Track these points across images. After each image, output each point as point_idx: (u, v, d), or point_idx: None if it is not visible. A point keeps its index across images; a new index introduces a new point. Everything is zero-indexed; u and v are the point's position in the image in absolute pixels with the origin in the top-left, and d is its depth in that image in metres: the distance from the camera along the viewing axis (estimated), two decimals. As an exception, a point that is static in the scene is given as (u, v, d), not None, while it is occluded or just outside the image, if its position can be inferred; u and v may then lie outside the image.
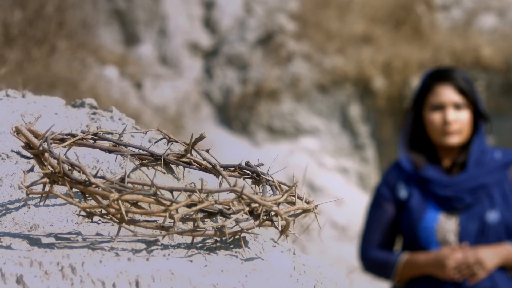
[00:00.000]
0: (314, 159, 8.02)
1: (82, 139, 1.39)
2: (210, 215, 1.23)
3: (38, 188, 1.26)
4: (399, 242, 3.00)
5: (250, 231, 1.25)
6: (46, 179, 1.21)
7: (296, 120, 8.21)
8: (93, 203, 1.20)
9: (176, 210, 1.18)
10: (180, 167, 1.46)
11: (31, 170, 1.30)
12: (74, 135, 1.39)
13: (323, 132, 8.22)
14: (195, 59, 8.78)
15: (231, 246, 1.26)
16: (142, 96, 8.09)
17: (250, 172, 1.40)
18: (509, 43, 7.83)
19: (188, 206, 1.20)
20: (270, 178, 1.37)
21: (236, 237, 1.26)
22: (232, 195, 1.27)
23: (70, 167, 1.21)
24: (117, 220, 1.18)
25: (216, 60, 8.68)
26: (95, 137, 1.40)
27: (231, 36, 8.72)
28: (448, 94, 2.87)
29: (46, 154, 1.22)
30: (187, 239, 1.27)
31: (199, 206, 1.19)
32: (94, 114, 1.71)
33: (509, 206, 2.82)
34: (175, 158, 1.41)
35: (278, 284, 1.19)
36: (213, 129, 8.03)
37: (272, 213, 1.25)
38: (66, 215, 1.31)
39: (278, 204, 1.26)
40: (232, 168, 1.40)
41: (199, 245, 1.26)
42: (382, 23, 8.50)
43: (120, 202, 1.15)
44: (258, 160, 1.46)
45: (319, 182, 7.72)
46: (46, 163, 1.22)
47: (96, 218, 1.28)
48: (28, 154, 1.45)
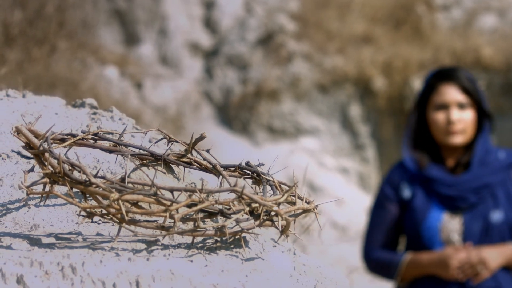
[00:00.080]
0: (314, 159, 8.02)
1: (83, 139, 1.39)
2: (211, 215, 1.23)
3: (39, 188, 1.26)
4: (402, 242, 2.98)
5: (250, 231, 1.25)
6: (46, 179, 1.21)
7: (296, 120, 8.21)
8: (93, 203, 1.20)
9: (177, 210, 1.18)
10: (180, 167, 1.46)
11: (32, 170, 1.30)
12: (74, 135, 1.39)
13: (323, 132, 8.22)
14: (195, 59, 8.78)
15: (232, 246, 1.26)
16: (143, 96, 8.09)
17: (250, 172, 1.40)
18: (509, 43, 7.83)
19: (189, 206, 1.20)
20: (270, 178, 1.37)
21: (236, 237, 1.26)
22: (233, 195, 1.27)
23: (70, 167, 1.21)
24: (117, 220, 1.18)
25: (216, 60, 8.68)
26: (95, 137, 1.40)
27: (231, 36, 8.72)
28: (452, 94, 2.86)
29: (47, 154, 1.22)
30: (188, 239, 1.27)
31: (199, 206, 1.19)
32: (95, 114, 1.71)
33: None
34: (176, 158, 1.41)
35: (278, 284, 1.19)
36: (213, 129, 8.03)
37: (273, 213, 1.25)
38: (67, 215, 1.31)
39: (279, 204, 1.26)
40: (232, 168, 1.40)
41: (200, 245, 1.26)
42: (382, 23, 8.49)
43: (120, 202, 1.15)
44: (258, 160, 1.46)
45: (319, 182, 7.72)
46: (46, 163, 1.22)
47: (96, 218, 1.28)
48: (28, 154, 1.45)
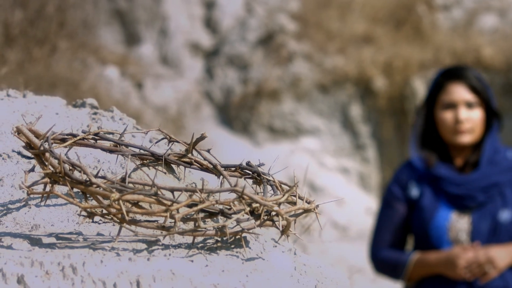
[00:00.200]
0: (315, 159, 8.02)
1: (83, 139, 1.39)
2: (211, 215, 1.23)
3: (39, 188, 1.26)
4: (410, 242, 2.96)
5: (251, 231, 1.25)
6: (47, 179, 1.21)
7: (297, 120, 8.21)
8: (94, 203, 1.20)
9: (177, 210, 1.18)
10: (181, 167, 1.46)
11: (32, 170, 1.30)
12: (75, 135, 1.39)
13: (323, 132, 8.22)
14: (195, 59, 8.78)
15: (232, 246, 1.26)
16: (143, 96, 8.10)
17: (251, 172, 1.40)
18: (509, 43, 7.83)
19: (189, 206, 1.20)
20: (271, 178, 1.37)
21: (237, 237, 1.26)
22: (233, 195, 1.27)
23: (71, 167, 1.21)
24: (118, 220, 1.18)
25: (217, 60, 8.68)
26: (96, 137, 1.40)
27: (231, 36, 8.72)
28: (460, 93, 2.84)
29: (47, 154, 1.22)
30: (188, 239, 1.27)
31: (200, 206, 1.19)
32: (95, 114, 1.71)
33: None
34: (176, 158, 1.41)
35: (279, 284, 1.19)
36: (214, 129, 8.04)
37: (273, 213, 1.25)
38: (67, 215, 1.31)
39: (279, 204, 1.26)
40: (233, 168, 1.40)
41: (200, 245, 1.26)
42: (383, 23, 8.49)
43: (121, 202, 1.15)
44: (259, 160, 1.46)
45: (320, 182, 7.72)
46: (47, 163, 1.22)
47: (97, 218, 1.28)
48: (29, 154, 1.45)
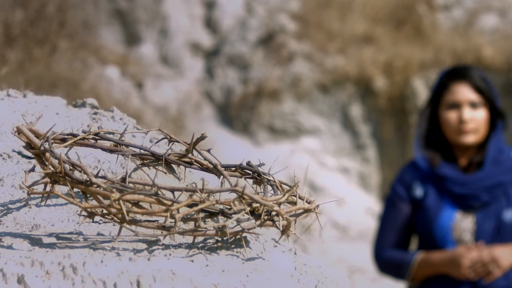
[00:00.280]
0: (315, 159, 8.02)
1: (83, 139, 1.39)
2: (211, 215, 1.23)
3: (39, 188, 1.26)
4: (414, 242, 2.95)
5: (251, 231, 1.25)
6: (47, 179, 1.21)
7: (297, 120, 8.21)
8: (94, 203, 1.20)
9: (177, 210, 1.18)
10: (181, 167, 1.46)
11: (32, 170, 1.30)
12: (75, 135, 1.38)
13: (324, 132, 8.22)
14: (196, 59, 8.78)
15: (232, 246, 1.26)
16: (143, 96, 8.10)
17: (251, 172, 1.40)
18: (510, 43, 7.83)
19: (189, 206, 1.20)
20: (271, 178, 1.37)
21: (237, 237, 1.26)
22: (233, 195, 1.27)
23: (71, 167, 1.21)
24: (118, 220, 1.18)
25: (217, 60, 8.68)
26: (96, 137, 1.40)
27: (232, 36, 8.72)
28: (464, 93, 2.83)
29: (47, 154, 1.22)
30: (188, 239, 1.27)
31: (200, 206, 1.19)
32: (95, 114, 1.71)
33: None
34: (176, 158, 1.41)
35: (279, 284, 1.19)
36: (214, 129, 8.04)
37: (273, 213, 1.25)
38: (67, 215, 1.31)
39: (279, 204, 1.26)
40: (233, 168, 1.40)
41: (200, 245, 1.26)
42: (383, 23, 8.49)
43: (121, 202, 1.15)
44: (259, 160, 1.46)
45: (320, 182, 7.72)
46: (47, 163, 1.22)
47: (97, 218, 1.28)
48: (29, 154, 1.45)
